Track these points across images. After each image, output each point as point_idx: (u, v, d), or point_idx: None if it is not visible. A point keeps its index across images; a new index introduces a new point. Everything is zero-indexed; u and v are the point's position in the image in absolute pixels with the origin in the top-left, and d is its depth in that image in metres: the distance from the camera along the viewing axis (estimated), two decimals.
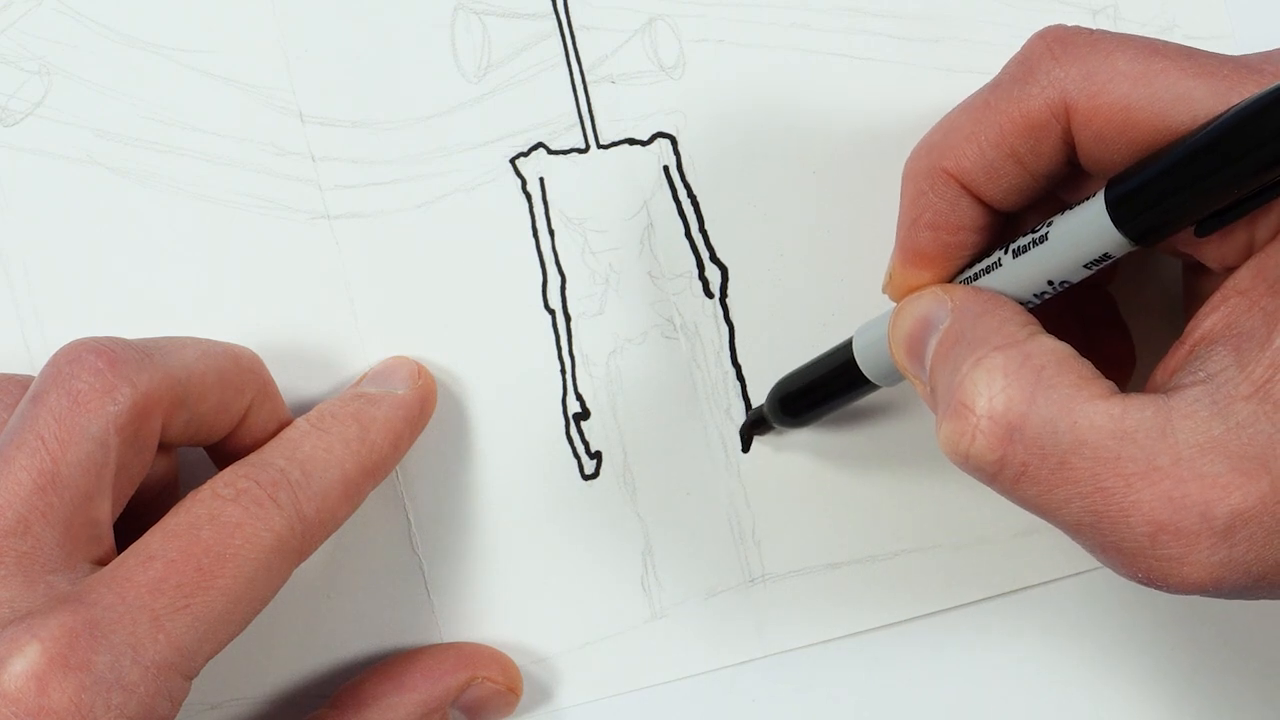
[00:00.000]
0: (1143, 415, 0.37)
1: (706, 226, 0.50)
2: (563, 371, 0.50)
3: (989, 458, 0.38)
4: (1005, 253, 0.41)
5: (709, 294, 0.50)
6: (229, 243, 0.50)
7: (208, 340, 0.46)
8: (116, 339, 0.43)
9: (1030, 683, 0.50)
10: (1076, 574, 0.49)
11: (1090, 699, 0.50)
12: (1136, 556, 0.37)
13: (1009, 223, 0.43)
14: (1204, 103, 0.38)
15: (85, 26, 0.50)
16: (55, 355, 0.43)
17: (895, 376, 0.44)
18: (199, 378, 0.44)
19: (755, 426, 0.50)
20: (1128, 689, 0.50)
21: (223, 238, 0.50)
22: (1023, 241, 0.41)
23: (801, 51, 0.50)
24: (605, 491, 0.50)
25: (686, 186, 0.50)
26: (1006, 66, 0.42)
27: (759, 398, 0.50)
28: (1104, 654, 0.50)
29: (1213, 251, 0.41)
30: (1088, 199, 0.39)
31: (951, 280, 0.43)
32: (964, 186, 0.42)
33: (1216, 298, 0.39)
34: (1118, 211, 0.38)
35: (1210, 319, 0.39)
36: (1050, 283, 0.41)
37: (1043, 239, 0.40)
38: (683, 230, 0.50)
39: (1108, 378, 0.39)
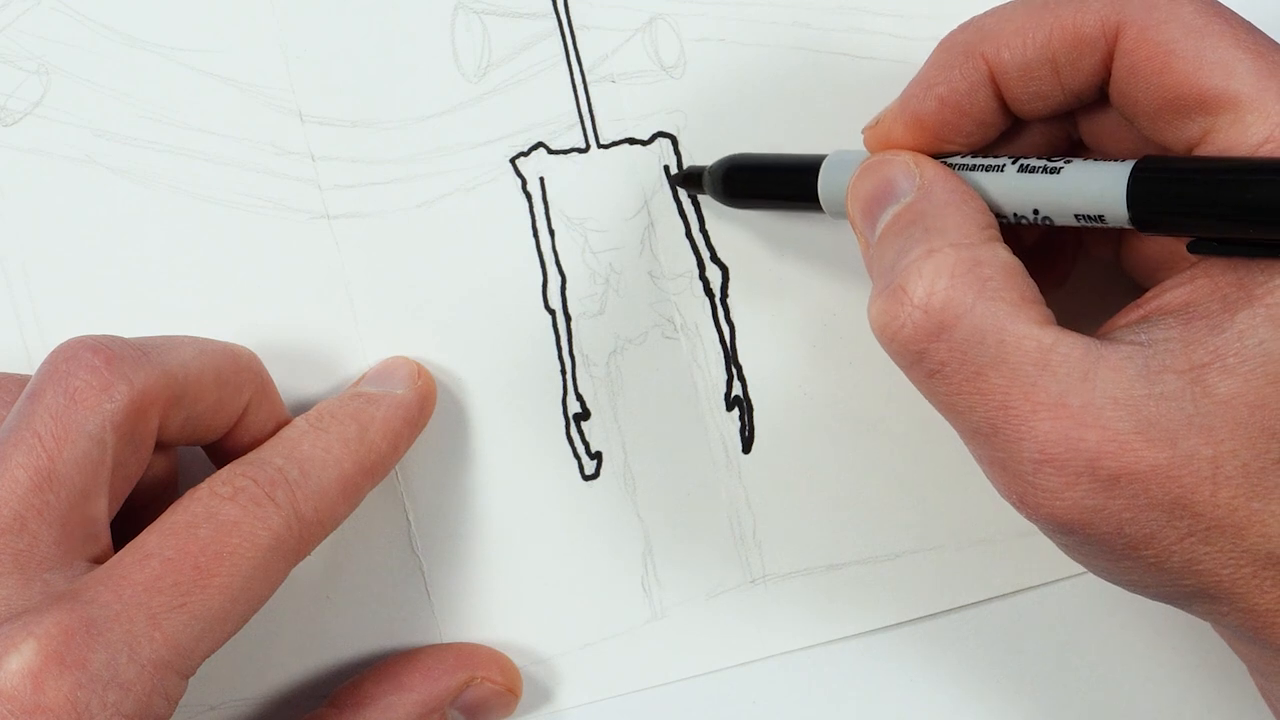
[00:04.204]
0: (1070, 353, 0.38)
1: (707, 226, 0.50)
2: (563, 371, 0.50)
3: (912, 348, 0.39)
4: (1013, 163, 0.41)
5: (709, 294, 0.50)
6: (229, 243, 0.50)
7: (205, 339, 0.46)
8: (113, 337, 0.43)
9: (1030, 683, 0.50)
10: (1077, 575, 0.49)
11: (1090, 699, 0.50)
12: (1016, 478, 0.38)
13: (1007, 134, 0.44)
14: (1243, 77, 0.38)
15: (84, 26, 0.50)
16: (52, 353, 0.43)
17: (843, 214, 0.44)
18: (196, 376, 0.44)
19: (687, 180, 0.49)
20: (1128, 689, 0.50)
21: (223, 238, 0.50)
22: (1035, 162, 0.41)
23: (802, 51, 0.49)
24: (605, 491, 0.50)
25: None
26: None
27: (760, 398, 0.50)
28: (1104, 655, 0.50)
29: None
30: (1117, 161, 0.40)
31: (942, 159, 0.43)
32: (992, 75, 0.42)
33: (1184, 275, 0.39)
34: (1137, 187, 0.39)
35: (1172, 293, 0.39)
36: (1036, 212, 0.41)
37: (1055, 171, 0.40)
38: (683, 230, 0.50)
39: None
